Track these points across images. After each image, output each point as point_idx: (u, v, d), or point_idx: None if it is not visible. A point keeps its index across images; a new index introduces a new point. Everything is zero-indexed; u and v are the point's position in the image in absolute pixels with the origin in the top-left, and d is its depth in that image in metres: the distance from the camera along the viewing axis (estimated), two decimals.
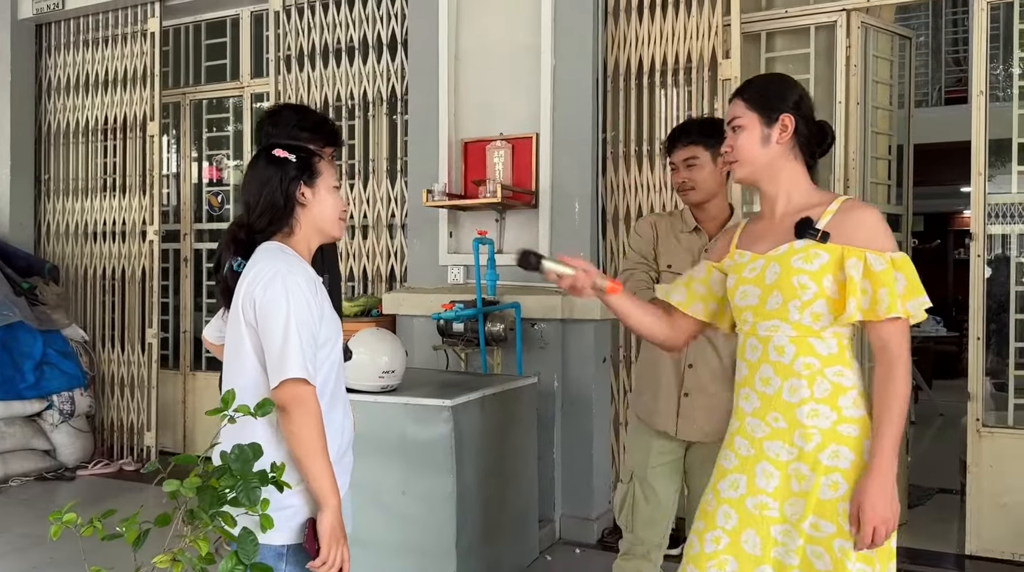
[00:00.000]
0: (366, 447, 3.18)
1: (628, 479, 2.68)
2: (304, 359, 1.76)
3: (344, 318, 4.50)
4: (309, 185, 1.90)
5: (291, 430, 1.76)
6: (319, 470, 1.77)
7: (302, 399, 1.75)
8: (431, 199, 4.15)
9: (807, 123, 1.87)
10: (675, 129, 2.72)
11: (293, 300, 1.78)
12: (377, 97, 4.94)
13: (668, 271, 2.64)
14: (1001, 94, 5.31)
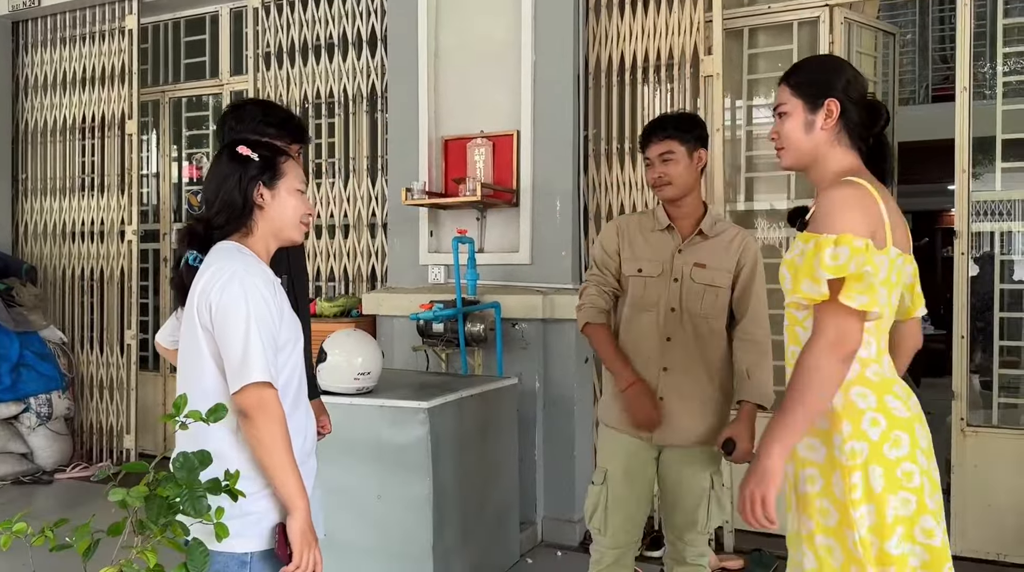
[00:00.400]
0: (341, 450, 3.13)
1: (601, 481, 2.61)
2: (267, 362, 1.70)
3: (323, 319, 4.48)
4: (269, 187, 1.84)
5: (255, 435, 1.70)
6: (285, 475, 1.71)
7: (265, 403, 1.70)
8: (410, 198, 4.09)
9: (857, 106, 1.81)
10: (650, 123, 2.67)
11: (252, 301, 1.72)
12: (357, 94, 4.87)
13: (638, 275, 2.57)
14: (988, 92, 5.28)
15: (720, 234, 2.57)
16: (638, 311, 2.58)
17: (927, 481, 1.70)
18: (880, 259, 1.68)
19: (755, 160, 4.27)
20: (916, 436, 1.72)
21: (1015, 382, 3.96)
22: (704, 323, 2.53)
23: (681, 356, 2.53)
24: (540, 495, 4.04)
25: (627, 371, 2.53)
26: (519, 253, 4.12)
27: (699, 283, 2.53)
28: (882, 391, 1.74)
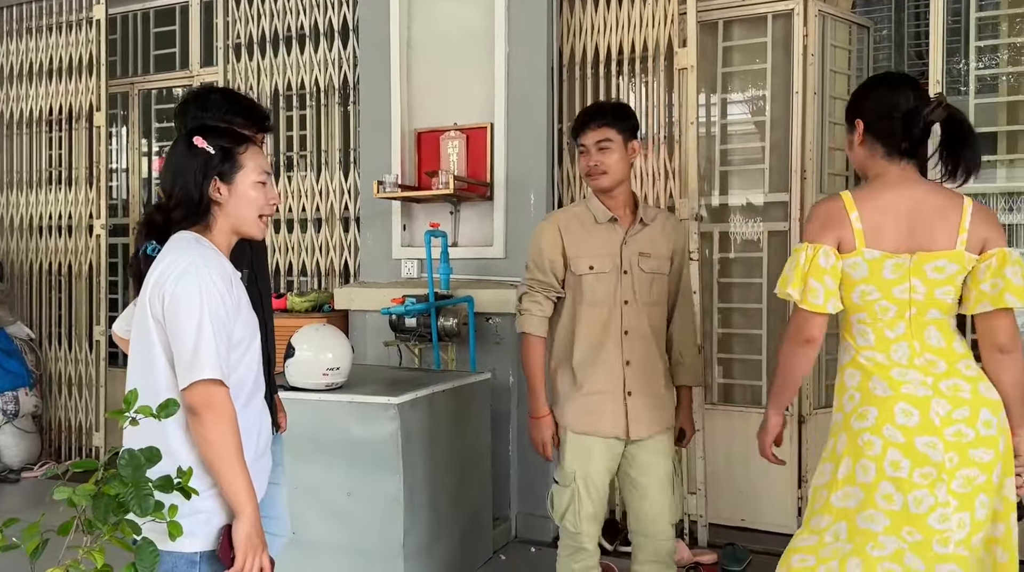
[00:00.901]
0: (309, 447, 3.09)
1: (569, 483, 2.58)
2: (218, 359, 1.65)
3: (294, 314, 4.42)
4: (227, 181, 1.79)
5: (202, 434, 1.65)
6: (233, 476, 1.66)
7: (215, 402, 1.65)
8: (382, 190, 4.04)
9: (883, 119, 1.99)
10: (585, 110, 2.64)
11: (206, 295, 1.67)
12: (329, 86, 4.80)
13: (590, 273, 2.54)
14: (963, 88, 5.29)
15: (654, 220, 2.62)
16: (590, 307, 2.54)
17: (899, 453, 1.90)
18: (852, 261, 1.96)
19: (730, 154, 4.25)
20: (891, 412, 1.92)
21: None
22: (655, 312, 2.58)
23: (640, 348, 2.54)
24: (514, 491, 4.01)
25: (542, 401, 2.60)
26: (493, 247, 4.08)
27: (647, 272, 2.56)
28: (869, 374, 1.97)
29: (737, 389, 4.25)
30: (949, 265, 1.94)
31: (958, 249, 1.93)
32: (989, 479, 1.89)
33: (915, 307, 1.96)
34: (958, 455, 1.87)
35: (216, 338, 1.65)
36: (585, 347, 2.55)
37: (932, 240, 1.93)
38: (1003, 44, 3.90)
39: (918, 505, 1.87)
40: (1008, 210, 3.82)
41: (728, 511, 4.10)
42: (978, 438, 1.89)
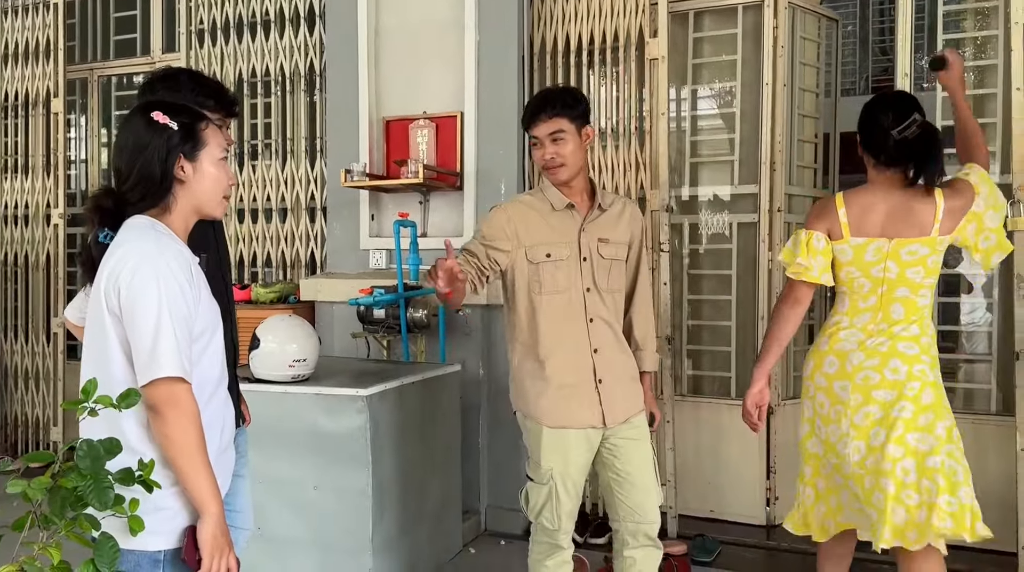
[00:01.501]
0: (275, 440, 3.02)
1: (546, 481, 2.50)
2: (180, 354, 1.58)
3: (259, 306, 4.33)
4: (191, 158, 1.71)
5: (164, 433, 1.58)
6: (197, 475, 1.60)
7: (177, 399, 1.58)
8: (350, 179, 3.97)
9: (866, 136, 2.50)
10: (535, 100, 2.56)
11: (165, 287, 1.59)
12: (295, 73, 4.72)
13: (548, 261, 2.49)
14: (927, 84, 5.35)
15: (611, 206, 2.60)
16: (551, 295, 2.49)
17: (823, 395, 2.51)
18: (840, 247, 2.46)
19: (699, 146, 4.25)
20: (821, 363, 2.51)
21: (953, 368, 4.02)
22: (613, 298, 2.57)
23: (606, 334, 2.53)
24: (483, 484, 3.97)
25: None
26: (463, 238, 4.03)
27: (606, 258, 2.53)
28: (824, 332, 2.56)
29: (706, 380, 4.26)
30: (922, 249, 2.39)
31: (932, 235, 2.38)
32: (887, 415, 2.36)
33: (886, 285, 2.44)
34: (862, 396, 2.41)
35: (176, 333, 1.58)
36: (550, 337, 2.49)
37: (909, 230, 2.39)
38: (968, 38, 3.94)
39: (831, 435, 2.48)
40: None
41: (697, 502, 4.11)
42: (883, 381, 2.38)
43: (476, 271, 2.50)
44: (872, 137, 2.46)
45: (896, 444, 2.32)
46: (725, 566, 3.61)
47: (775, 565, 3.65)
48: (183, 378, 1.58)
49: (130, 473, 1.47)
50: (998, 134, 3.73)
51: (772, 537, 3.92)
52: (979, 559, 3.56)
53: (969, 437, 3.62)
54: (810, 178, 4.16)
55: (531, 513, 2.57)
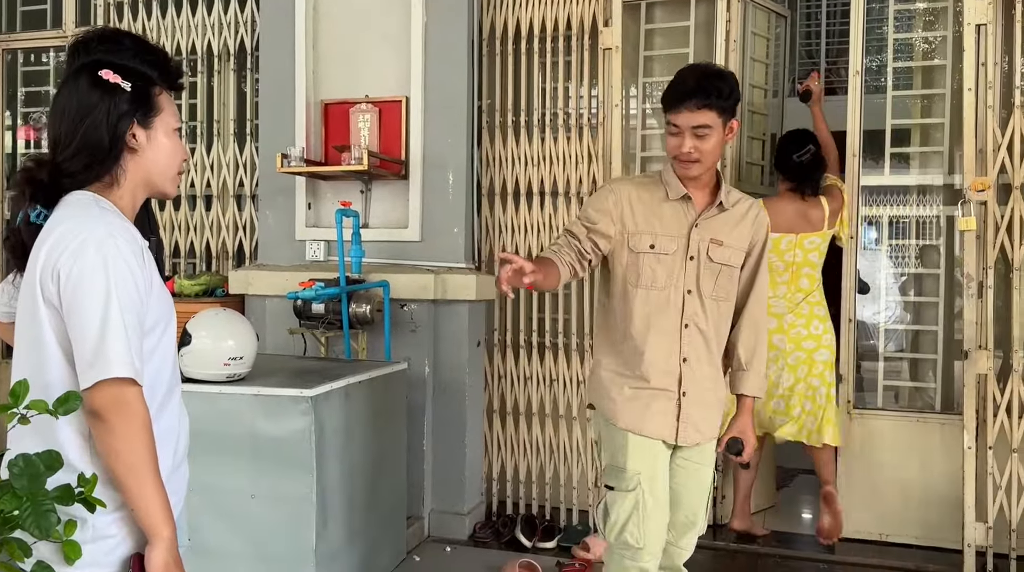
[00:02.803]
0: (208, 444, 2.75)
1: (633, 487, 2.22)
2: (130, 352, 1.34)
3: (184, 299, 4.02)
4: (144, 125, 1.48)
5: (110, 444, 1.34)
6: (148, 495, 1.36)
7: (126, 404, 1.34)
8: (286, 164, 3.71)
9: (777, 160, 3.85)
10: (683, 83, 2.23)
11: (114, 272, 1.35)
12: (224, 51, 4.41)
13: (650, 252, 2.23)
14: (879, 83, 5.39)
15: (734, 206, 2.32)
16: (647, 290, 2.24)
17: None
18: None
19: (651, 140, 4.16)
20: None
21: (898, 366, 4.06)
22: (717, 307, 2.29)
23: (699, 344, 2.27)
24: (428, 488, 3.79)
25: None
26: (408, 229, 3.84)
27: (716, 262, 2.26)
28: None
29: None
30: (817, 239, 3.63)
31: (823, 230, 3.63)
32: (809, 356, 3.59)
33: (795, 266, 3.63)
34: (793, 344, 3.60)
35: (127, 326, 1.35)
36: (641, 335, 2.24)
37: (808, 226, 3.61)
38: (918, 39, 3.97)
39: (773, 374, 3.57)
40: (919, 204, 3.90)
41: None
42: (809, 335, 3.60)
43: (576, 255, 2.26)
44: (781, 161, 3.71)
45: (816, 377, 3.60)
46: None
47: (722, 565, 3.60)
48: (134, 380, 1.35)
49: (69, 491, 1.24)
50: (945, 134, 3.77)
51: (719, 537, 3.86)
52: (927, 556, 3.59)
53: (914, 435, 3.68)
54: (758, 174, 4.12)
55: (611, 531, 2.26)
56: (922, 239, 3.93)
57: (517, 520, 3.80)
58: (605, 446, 2.33)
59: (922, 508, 3.68)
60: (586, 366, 3.88)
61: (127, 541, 1.41)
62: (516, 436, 3.99)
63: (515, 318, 3.98)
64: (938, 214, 3.84)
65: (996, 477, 3.40)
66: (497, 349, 3.99)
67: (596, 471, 3.86)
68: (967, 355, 3.42)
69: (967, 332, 3.43)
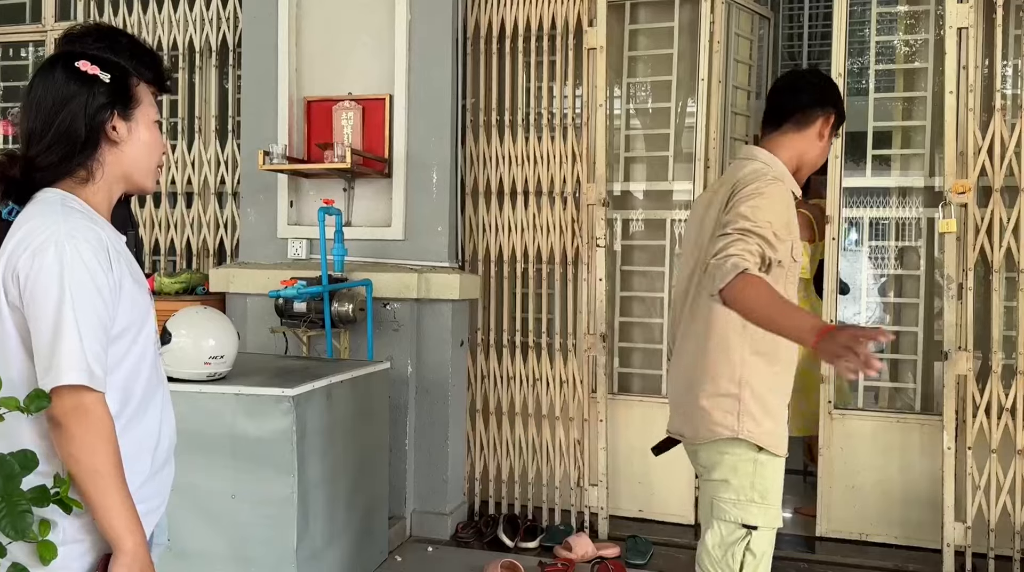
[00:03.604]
0: (188, 445, 2.69)
1: (779, 522, 2.06)
2: (86, 357, 1.30)
3: (164, 297, 3.98)
4: (124, 116, 1.45)
5: (68, 452, 1.30)
6: (111, 503, 1.32)
7: (84, 411, 1.30)
8: (269, 162, 3.68)
9: None
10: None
11: (71, 276, 1.31)
12: (205, 47, 4.37)
13: (795, 263, 2.05)
14: (860, 85, 5.43)
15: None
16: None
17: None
18: None
19: (634, 141, 4.17)
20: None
21: None
22: None
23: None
24: (410, 488, 3.77)
25: (809, 316, 1.83)
26: (391, 228, 3.82)
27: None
28: None
29: (636, 378, 4.18)
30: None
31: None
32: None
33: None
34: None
35: (82, 330, 1.31)
36: (791, 351, 2.06)
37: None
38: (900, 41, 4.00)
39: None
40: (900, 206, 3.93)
41: (627, 502, 4.03)
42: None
43: (763, 262, 1.90)
44: None
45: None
46: (659, 568, 3.53)
47: None
48: (90, 386, 1.30)
49: (44, 492, 1.22)
50: (927, 137, 3.80)
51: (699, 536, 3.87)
52: (906, 556, 3.62)
53: (894, 435, 3.70)
54: None
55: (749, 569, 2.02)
56: (902, 241, 3.95)
57: (499, 520, 3.79)
58: (752, 481, 2.02)
59: (902, 508, 3.70)
60: (570, 366, 3.87)
61: (97, 546, 1.37)
62: (499, 436, 3.98)
63: (498, 318, 3.97)
64: (919, 216, 3.87)
65: (975, 477, 3.42)
66: (480, 349, 3.98)
67: (579, 471, 3.87)
68: (947, 356, 3.44)
69: (947, 333, 3.45)
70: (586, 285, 3.85)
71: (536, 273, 3.92)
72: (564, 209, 3.87)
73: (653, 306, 4.13)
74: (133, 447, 1.42)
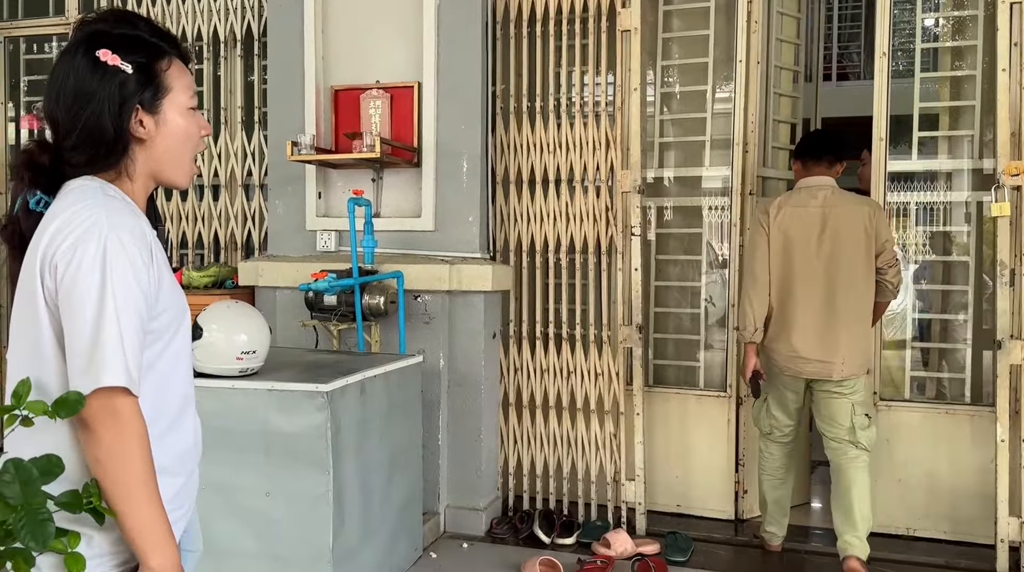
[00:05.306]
0: (220, 441, 2.67)
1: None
2: (127, 359, 1.21)
3: (192, 291, 3.93)
4: (152, 110, 1.33)
5: (97, 457, 1.21)
6: (140, 515, 1.23)
7: (115, 414, 1.21)
8: (297, 152, 3.61)
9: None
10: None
11: (114, 270, 1.22)
12: (230, 36, 4.31)
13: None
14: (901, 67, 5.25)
15: None
16: None
17: None
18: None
19: (669, 125, 4.05)
20: None
21: (924, 356, 3.95)
22: None
23: None
24: (443, 483, 3.70)
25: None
26: (421, 218, 3.74)
27: None
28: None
29: (671, 370, 4.08)
30: None
31: None
32: None
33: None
34: None
35: (123, 329, 1.22)
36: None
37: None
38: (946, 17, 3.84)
39: None
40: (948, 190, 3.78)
41: (664, 497, 3.94)
42: None
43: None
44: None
45: None
46: (700, 565, 3.44)
47: (748, 562, 3.50)
48: (128, 389, 1.22)
49: (76, 497, 1.15)
50: (976, 117, 3.65)
51: (741, 532, 3.78)
52: (957, 552, 3.50)
53: (943, 427, 3.58)
54: (785, 160, 4.00)
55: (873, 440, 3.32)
56: (950, 226, 3.81)
57: (535, 515, 3.72)
58: (866, 395, 3.37)
59: (951, 502, 3.58)
60: (604, 358, 3.78)
61: (132, 563, 1.29)
62: (532, 429, 3.90)
63: (531, 309, 3.88)
64: (968, 199, 3.72)
65: None
66: (513, 341, 3.89)
67: (615, 465, 3.78)
68: (1000, 345, 3.31)
69: (1000, 321, 3.32)
70: (621, 275, 3.75)
71: (569, 263, 3.83)
72: (597, 197, 3.77)
73: (688, 296, 4.02)
74: (169, 456, 1.34)
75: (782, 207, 3.24)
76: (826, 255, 3.16)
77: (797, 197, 3.26)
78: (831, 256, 3.16)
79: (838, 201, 3.19)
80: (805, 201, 3.23)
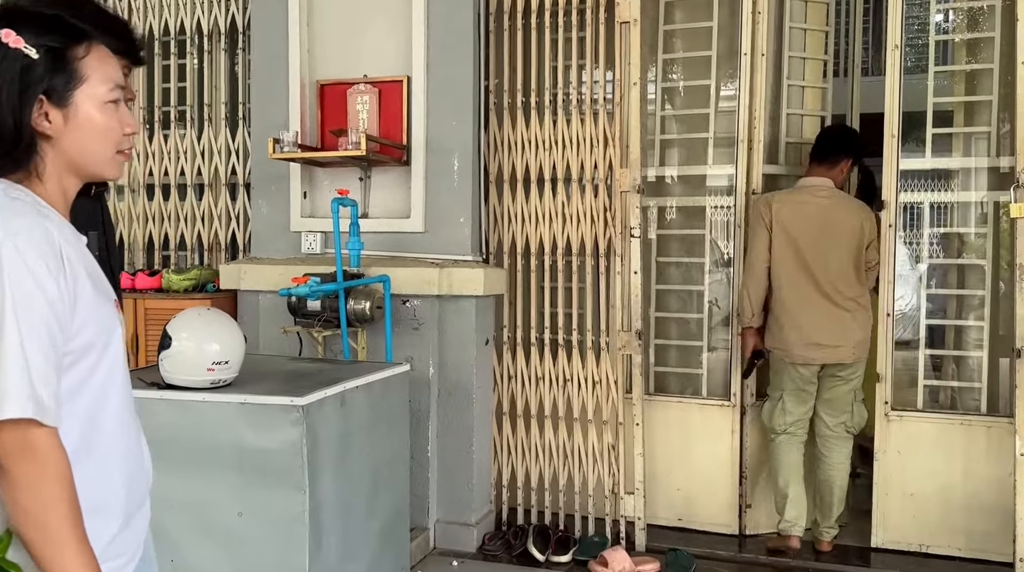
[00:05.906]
0: (190, 458, 2.52)
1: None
2: (33, 386, 1.05)
3: (172, 295, 3.77)
4: (60, 103, 1.15)
5: (13, 498, 1.06)
6: (65, 562, 1.07)
7: (31, 451, 1.06)
8: (279, 150, 3.44)
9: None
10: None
11: (13, 285, 1.06)
12: (214, 29, 4.14)
13: None
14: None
15: None
16: None
17: None
18: None
19: (672, 121, 3.88)
20: None
21: (939, 364, 3.77)
22: None
23: None
24: (433, 496, 3.54)
25: None
26: (410, 219, 3.57)
27: None
28: None
29: (673, 378, 3.91)
30: None
31: None
32: None
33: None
34: None
35: (29, 351, 1.06)
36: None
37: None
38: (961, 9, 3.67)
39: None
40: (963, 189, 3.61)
41: (664, 511, 3.77)
42: None
43: None
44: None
45: None
46: None
47: None
48: (38, 420, 1.06)
49: None
50: (993, 112, 3.47)
51: (746, 548, 3.61)
52: (971, 570, 3.34)
53: (958, 438, 3.41)
54: (802, 155, 3.79)
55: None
56: (965, 227, 3.64)
57: (529, 531, 3.55)
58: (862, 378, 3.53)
59: (966, 517, 3.41)
60: (603, 365, 3.62)
61: None
62: (527, 440, 3.73)
63: (526, 314, 3.72)
64: (984, 199, 3.55)
65: None
66: (506, 347, 3.72)
67: (613, 478, 3.61)
68: (1019, 353, 3.14)
69: (1019, 328, 3.15)
70: (619, 278, 3.58)
71: (565, 266, 3.66)
72: (595, 197, 3.60)
73: (691, 300, 3.85)
74: (100, 493, 1.17)
75: (783, 203, 3.40)
76: (826, 248, 3.35)
77: (797, 194, 3.44)
78: (831, 250, 3.35)
79: (836, 201, 3.40)
80: (805, 198, 3.42)
